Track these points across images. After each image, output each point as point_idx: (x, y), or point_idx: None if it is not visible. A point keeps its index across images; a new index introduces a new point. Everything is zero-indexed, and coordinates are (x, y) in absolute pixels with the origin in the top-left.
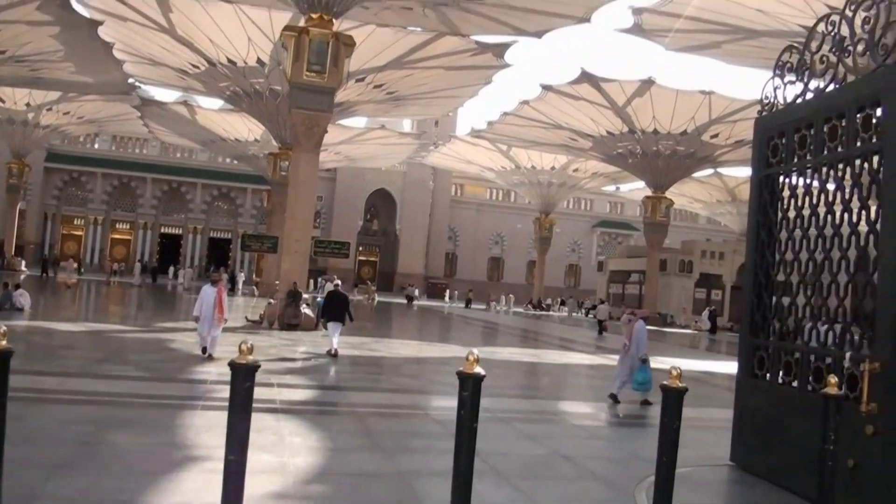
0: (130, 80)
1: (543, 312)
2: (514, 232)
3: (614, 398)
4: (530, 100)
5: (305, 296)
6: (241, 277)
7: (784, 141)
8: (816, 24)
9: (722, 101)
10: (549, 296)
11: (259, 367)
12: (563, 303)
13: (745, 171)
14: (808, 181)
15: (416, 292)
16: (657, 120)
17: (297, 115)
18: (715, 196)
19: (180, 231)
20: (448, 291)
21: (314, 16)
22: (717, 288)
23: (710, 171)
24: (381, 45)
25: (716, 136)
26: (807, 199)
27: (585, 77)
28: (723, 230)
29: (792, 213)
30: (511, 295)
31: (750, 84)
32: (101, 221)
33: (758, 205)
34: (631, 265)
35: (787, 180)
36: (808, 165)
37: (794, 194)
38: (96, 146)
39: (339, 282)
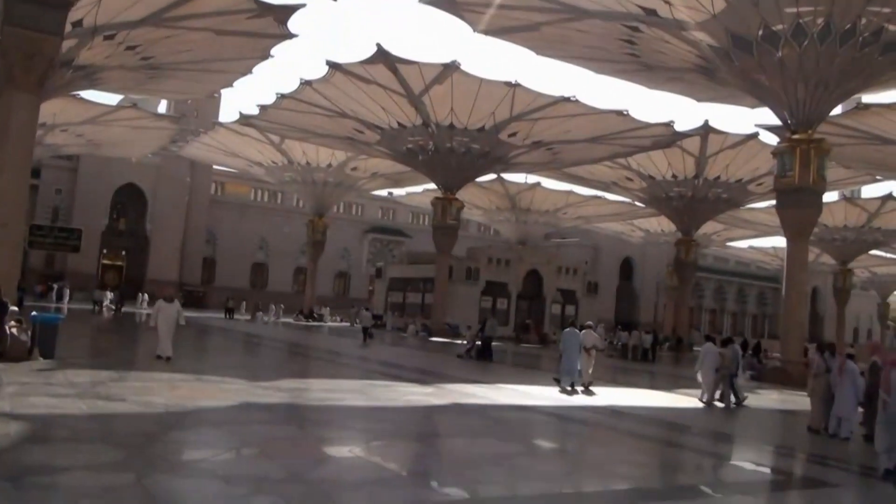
0: None
1: (315, 323)
2: (280, 236)
3: None
4: (313, 81)
5: (14, 308)
6: None
7: None
8: None
9: (527, 95)
10: (319, 304)
11: None
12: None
13: (531, 178)
14: None
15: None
16: (455, 113)
17: (10, 36)
18: (495, 203)
19: None
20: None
21: None
22: (502, 297)
23: (493, 176)
24: None
25: (513, 134)
26: None
27: (381, 56)
28: (494, 238)
29: None
30: (280, 304)
31: (557, 80)
32: None
33: None
34: (413, 272)
35: None
36: None
37: None
38: None
39: None
